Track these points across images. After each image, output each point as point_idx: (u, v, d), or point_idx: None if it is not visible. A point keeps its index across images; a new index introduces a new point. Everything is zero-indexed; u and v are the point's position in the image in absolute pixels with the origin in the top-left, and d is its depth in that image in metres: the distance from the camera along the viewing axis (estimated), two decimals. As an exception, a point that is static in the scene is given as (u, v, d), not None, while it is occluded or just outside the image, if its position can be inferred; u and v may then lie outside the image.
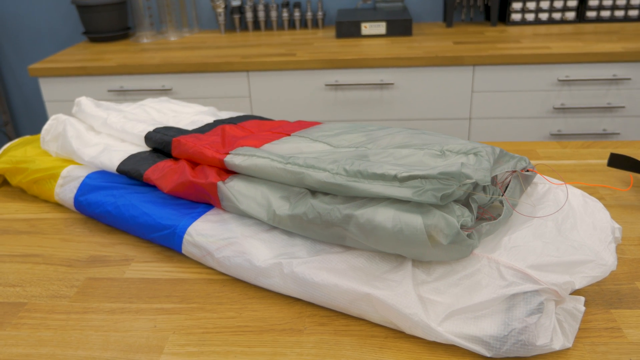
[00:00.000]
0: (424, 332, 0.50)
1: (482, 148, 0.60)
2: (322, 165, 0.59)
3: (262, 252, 0.60)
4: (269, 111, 1.79)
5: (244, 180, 0.65)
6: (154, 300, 0.60)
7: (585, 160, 0.89)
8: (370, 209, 0.54)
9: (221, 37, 2.09)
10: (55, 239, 0.72)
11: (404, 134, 0.68)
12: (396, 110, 1.75)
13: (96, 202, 0.73)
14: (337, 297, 0.55)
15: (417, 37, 1.92)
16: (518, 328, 0.49)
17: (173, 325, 0.56)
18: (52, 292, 0.62)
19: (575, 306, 0.52)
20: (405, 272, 0.54)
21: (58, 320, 0.58)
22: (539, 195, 0.65)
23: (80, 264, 0.67)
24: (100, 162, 0.76)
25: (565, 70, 1.66)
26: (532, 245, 0.55)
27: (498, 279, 0.52)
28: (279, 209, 0.61)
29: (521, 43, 1.76)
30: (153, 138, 0.76)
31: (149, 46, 1.99)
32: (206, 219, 0.65)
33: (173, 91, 1.78)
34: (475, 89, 1.70)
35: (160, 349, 0.53)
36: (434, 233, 0.51)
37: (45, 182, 0.80)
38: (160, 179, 0.70)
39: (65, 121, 0.85)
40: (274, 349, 0.52)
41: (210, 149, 0.69)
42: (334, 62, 1.68)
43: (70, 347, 0.54)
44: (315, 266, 0.56)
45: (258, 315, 0.57)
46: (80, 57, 1.88)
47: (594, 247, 0.56)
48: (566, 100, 1.70)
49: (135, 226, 0.69)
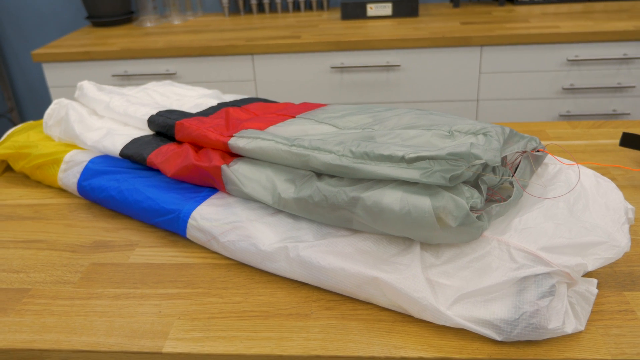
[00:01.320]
0: (433, 316, 0.49)
1: (491, 128, 0.59)
2: (327, 147, 0.58)
3: (268, 236, 0.59)
4: (274, 94, 1.77)
5: (249, 163, 0.64)
6: (158, 285, 0.59)
7: (596, 140, 0.87)
8: (378, 191, 0.53)
9: (225, 20, 2.07)
10: (59, 224, 0.72)
11: (411, 115, 0.67)
12: (403, 92, 1.73)
13: (99, 187, 0.72)
14: (344, 281, 0.54)
15: (424, 17, 1.89)
16: (529, 311, 0.48)
17: (178, 310, 0.55)
18: (56, 277, 0.61)
19: (588, 288, 0.51)
20: (413, 255, 0.53)
21: (62, 306, 0.57)
22: (549, 176, 0.63)
23: (84, 250, 0.66)
24: (103, 146, 0.75)
25: (575, 50, 1.63)
26: (543, 226, 0.53)
27: (509, 262, 0.50)
28: (284, 192, 0.59)
29: (529, 23, 1.72)
30: (156, 121, 0.75)
31: (152, 30, 1.97)
32: (210, 203, 0.65)
33: (177, 75, 1.76)
34: (483, 70, 1.68)
35: (165, 335, 0.52)
36: (443, 215, 0.50)
37: (49, 167, 0.79)
38: (163, 162, 0.69)
39: (68, 105, 0.84)
40: (280, 334, 0.51)
41: (214, 131, 0.68)
42: (339, 44, 1.66)
43: (74, 333, 0.53)
44: (321, 250, 0.55)
45: (264, 299, 0.56)
46: (83, 41, 1.86)
47: (606, 228, 0.54)
48: (575, 80, 1.67)
49: (139, 211, 0.68)
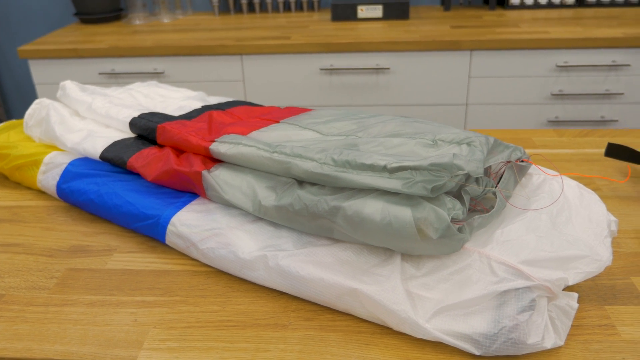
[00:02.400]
0: (412, 329, 0.49)
1: (475, 138, 0.58)
2: (309, 154, 0.57)
3: (247, 244, 0.58)
4: (262, 95, 1.76)
5: (230, 169, 0.63)
6: (135, 292, 0.58)
7: (582, 149, 0.87)
8: (359, 200, 0.53)
9: (215, 20, 2.05)
10: (37, 227, 0.71)
11: (395, 122, 0.66)
12: (392, 95, 1.72)
13: (79, 190, 0.71)
14: (323, 291, 0.53)
15: (414, 20, 1.89)
16: (509, 326, 0.47)
17: (154, 319, 0.54)
18: (31, 283, 0.60)
19: (568, 303, 0.51)
20: (393, 266, 0.52)
21: (36, 312, 0.56)
22: (533, 187, 0.63)
23: (61, 254, 0.65)
24: (84, 148, 0.74)
25: (564, 56, 1.63)
26: (525, 239, 0.53)
27: (489, 275, 0.50)
28: (265, 199, 0.59)
29: (519, 28, 1.73)
30: (138, 124, 0.74)
31: (141, 28, 1.96)
32: (191, 209, 0.64)
33: (165, 74, 1.75)
34: (472, 75, 1.67)
35: (139, 344, 0.51)
36: (424, 227, 0.50)
37: (28, 169, 0.78)
38: (144, 166, 0.68)
39: (49, 106, 0.83)
40: (257, 344, 0.51)
41: (196, 136, 0.67)
42: (329, 45, 1.65)
43: (47, 341, 0.52)
44: (301, 259, 0.55)
45: (242, 309, 0.55)
46: (71, 38, 1.84)
47: (589, 242, 0.54)
48: (564, 86, 1.67)
49: (119, 215, 0.67)
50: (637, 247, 0.62)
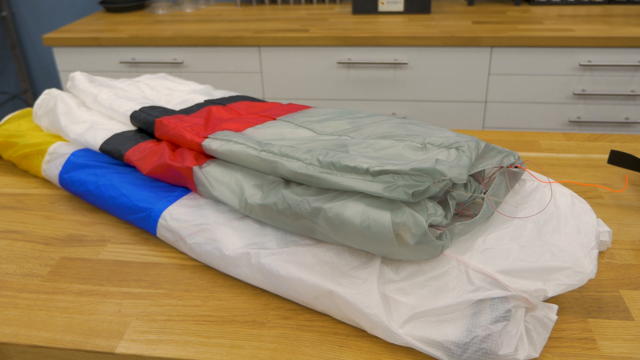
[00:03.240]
0: (384, 334, 0.49)
1: (465, 142, 0.57)
2: (296, 154, 0.57)
3: (233, 241, 0.59)
4: (279, 88, 1.76)
5: (221, 165, 0.64)
6: (123, 283, 0.59)
7: (589, 154, 0.85)
8: (340, 202, 0.53)
9: (237, 10, 2.06)
10: (38, 215, 0.73)
11: (389, 123, 0.66)
12: (409, 91, 1.71)
13: (79, 181, 0.72)
14: (301, 291, 0.53)
15: (436, 15, 1.86)
16: (481, 336, 0.47)
17: (137, 310, 0.55)
18: (26, 270, 0.62)
19: (547, 314, 0.50)
20: (372, 269, 0.52)
21: (27, 299, 0.58)
22: (525, 194, 0.62)
23: (57, 243, 0.67)
24: (85, 140, 0.75)
25: (588, 55, 1.59)
26: (507, 248, 0.52)
27: (466, 283, 0.50)
28: (251, 197, 0.59)
29: (543, 24, 1.69)
30: (138, 117, 0.75)
31: (163, 18, 1.98)
32: (182, 204, 0.65)
33: (184, 64, 1.77)
34: (492, 72, 1.65)
35: (120, 335, 0.52)
36: (402, 232, 0.49)
37: (34, 158, 0.80)
38: (140, 160, 0.69)
39: (57, 96, 0.85)
40: (233, 341, 0.51)
41: (191, 131, 0.68)
42: (346, 39, 1.64)
43: (34, 327, 0.54)
44: (282, 258, 0.55)
45: (223, 304, 0.56)
46: (94, 27, 1.87)
47: (574, 253, 0.53)
48: (587, 86, 1.63)
49: (114, 207, 0.68)
50: (631, 259, 0.61)
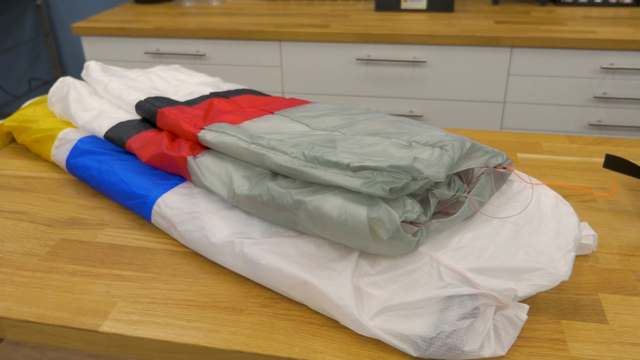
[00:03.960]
0: (354, 325, 0.50)
1: (449, 142, 0.58)
2: (283, 148, 0.59)
3: (220, 229, 0.61)
4: (299, 82, 1.78)
5: (214, 156, 0.66)
6: (114, 266, 0.62)
7: (590, 158, 0.84)
8: (320, 196, 0.54)
9: (262, 4, 2.08)
10: (45, 198, 0.76)
11: (381, 121, 0.67)
12: (427, 89, 1.70)
13: (84, 166, 0.75)
14: (279, 280, 0.55)
15: (459, 14, 1.85)
16: (447, 331, 0.48)
17: (125, 292, 0.58)
18: (26, 249, 0.65)
19: (517, 314, 0.51)
20: (348, 262, 0.54)
21: (23, 277, 0.61)
22: (511, 194, 0.62)
23: (58, 224, 0.70)
24: (91, 127, 0.78)
25: (610, 58, 1.56)
26: (482, 247, 0.53)
27: (436, 279, 0.50)
28: (239, 188, 0.61)
29: (566, 26, 1.66)
30: (142, 107, 0.78)
31: (189, 10, 2.01)
32: (176, 192, 0.67)
33: (206, 57, 1.80)
34: (511, 72, 1.63)
35: (106, 314, 0.55)
36: (376, 227, 0.51)
37: (45, 143, 0.84)
38: (140, 148, 0.72)
39: (70, 84, 0.88)
40: (211, 325, 0.53)
41: (189, 122, 0.70)
42: (366, 36, 1.65)
43: (26, 303, 0.57)
44: (264, 248, 0.57)
45: (206, 290, 0.58)
46: (122, 17, 1.92)
47: (549, 255, 0.53)
48: (609, 89, 1.60)
49: (114, 192, 0.71)
50: (616, 264, 0.61)
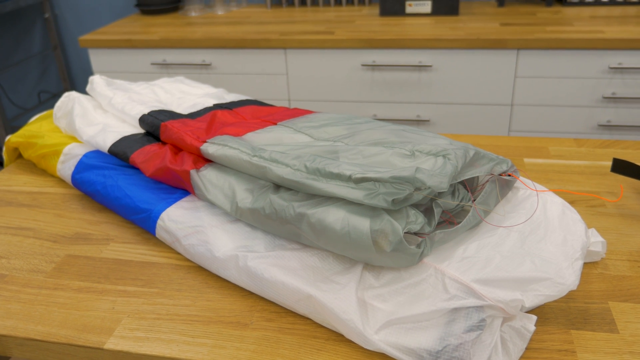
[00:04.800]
0: (359, 339, 0.50)
1: (452, 151, 0.57)
2: (285, 160, 0.59)
3: (224, 243, 0.61)
4: (305, 90, 1.78)
5: (217, 169, 0.66)
6: (120, 281, 0.62)
7: (598, 161, 0.83)
8: (322, 209, 0.54)
9: (266, 12, 2.09)
10: (50, 213, 0.76)
11: (383, 130, 0.66)
12: (434, 93, 1.70)
13: (89, 181, 0.75)
14: (284, 294, 0.55)
15: (464, 17, 1.84)
16: (453, 344, 0.47)
17: (130, 308, 0.58)
18: (33, 266, 0.66)
19: (525, 325, 0.50)
20: (352, 275, 0.53)
21: (29, 294, 0.61)
22: (517, 202, 0.62)
23: (64, 240, 0.70)
24: (96, 142, 0.78)
25: (618, 57, 1.54)
26: (487, 257, 0.52)
27: (441, 291, 0.50)
28: (242, 201, 0.61)
29: (573, 26, 1.65)
30: (146, 121, 0.78)
31: (195, 20, 2.02)
32: (180, 206, 0.67)
33: (212, 66, 1.80)
34: (518, 74, 1.62)
35: (110, 331, 0.55)
36: (379, 239, 0.50)
37: (51, 158, 0.84)
38: (143, 162, 0.72)
39: (75, 99, 0.88)
40: (216, 341, 0.53)
41: (191, 135, 0.70)
42: (371, 41, 1.65)
43: (32, 321, 0.57)
44: (268, 262, 0.57)
45: (211, 305, 0.58)
46: (128, 29, 1.93)
47: (557, 264, 0.52)
48: (618, 89, 1.58)
49: (119, 207, 0.71)
50: (626, 270, 0.60)
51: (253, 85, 1.81)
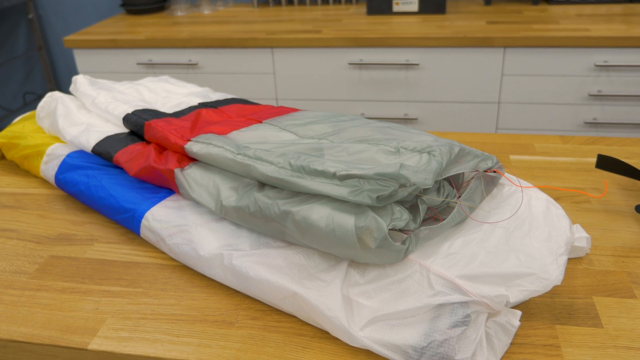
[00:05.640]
0: (344, 336, 0.49)
1: (437, 147, 0.57)
2: (269, 158, 0.58)
3: (209, 242, 0.60)
4: (292, 89, 1.78)
5: (201, 168, 0.65)
6: (104, 282, 0.61)
7: (584, 158, 0.84)
8: (307, 206, 0.53)
9: (253, 12, 2.08)
10: (34, 214, 0.75)
11: (368, 127, 0.66)
12: (421, 91, 1.70)
13: (72, 181, 0.75)
14: (269, 292, 0.54)
15: (450, 15, 1.85)
16: (438, 340, 0.47)
17: (114, 308, 0.57)
18: (16, 267, 0.65)
19: (510, 320, 0.50)
20: (337, 272, 0.53)
21: (12, 295, 0.60)
22: (502, 198, 0.62)
23: (47, 241, 0.69)
24: (79, 142, 0.78)
25: (604, 55, 1.56)
26: (472, 253, 0.52)
27: (426, 288, 0.50)
28: (226, 199, 0.60)
29: (559, 24, 1.66)
30: (130, 120, 0.77)
31: (181, 19, 2.01)
32: (164, 205, 0.66)
33: (199, 66, 1.80)
34: (505, 72, 1.63)
35: (94, 332, 0.54)
36: (364, 236, 0.50)
37: (34, 159, 0.83)
38: (127, 162, 0.71)
39: (58, 99, 0.88)
40: (201, 340, 0.53)
41: (176, 134, 0.69)
42: (358, 40, 1.65)
43: (15, 323, 0.56)
44: (253, 260, 0.56)
45: (196, 304, 0.57)
46: (113, 29, 1.92)
47: (541, 259, 0.53)
48: (604, 86, 1.60)
49: (103, 207, 0.70)
50: (610, 266, 0.60)
51: (240, 85, 1.81)
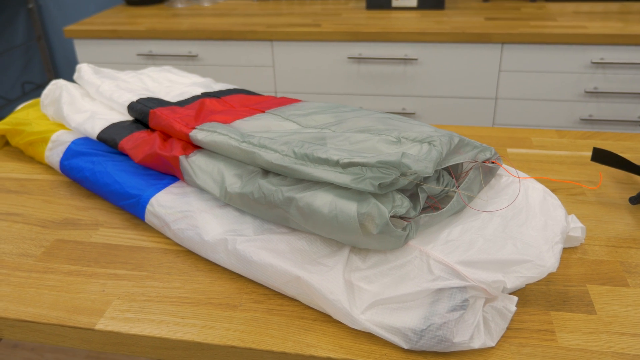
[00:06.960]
0: (346, 319, 0.51)
1: (437, 137, 0.59)
2: (274, 146, 0.60)
3: (213, 227, 0.62)
4: (291, 82, 1.79)
5: (206, 155, 0.67)
6: (109, 265, 0.63)
7: (579, 152, 0.85)
8: (310, 193, 0.55)
9: (253, 4, 2.09)
10: (39, 199, 0.76)
11: (370, 118, 0.68)
12: (418, 86, 1.71)
13: (77, 167, 0.76)
14: (272, 276, 0.56)
15: (449, 11, 1.86)
16: (437, 323, 0.49)
17: (120, 291, 0.59)
18: (22, 250, 0.66)
19: (506, 305, 0.51)
20: (340, 257, 0.55)
21: (19, 277, 0.61)
22: (500, 188, 0.63)
23: (53, 225, 0.70)
24: (84, 129, 0.79)
25: (600, 52, 1.57)
26: (470, 240, 0.54)
27: (426, 273, 0.51)
28: (231, 186, 0.62)
29: (556, 21, 1.67)
30: (135, 108, 0.78)
31: (181, 11, 2.02)
32: (169, 191, 0.67)
33: (199, 58, 1.80)
34: (502, 68, 1.64)
35: (101, 313, 0.56)
36: (366, 222, 0.51)
37: (38, 145, 0.84)
38: (133, 149, 0.72)
39: (63, 87, 0.88)
40: (205, 322, 0.54)
41: (180, 122, 0.70)
42: (357, 34, 1.66)
43: (23, 303, 0.57)
44: (257, 245, 0.58)
45: (200, 287, 0.59)
46: (114, 20, 1.92)
47: (537, 247, 0.54)
48: (600, 84, 1.61)
49: (108, 193, 0.71)
50: (604, 255, 0.62)
51: (239, 77, 1.81)
